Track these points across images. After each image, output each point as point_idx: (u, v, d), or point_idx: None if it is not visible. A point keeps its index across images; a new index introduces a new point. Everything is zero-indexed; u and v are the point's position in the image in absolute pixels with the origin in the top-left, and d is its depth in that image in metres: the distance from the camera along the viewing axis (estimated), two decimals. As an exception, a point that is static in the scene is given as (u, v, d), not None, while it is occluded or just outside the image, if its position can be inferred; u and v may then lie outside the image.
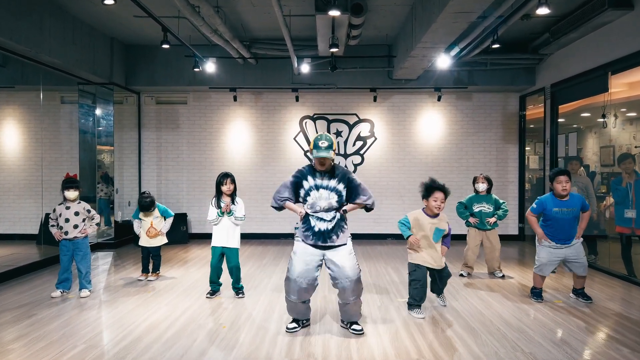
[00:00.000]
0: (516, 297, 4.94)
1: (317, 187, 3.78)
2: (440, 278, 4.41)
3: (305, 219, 3.80)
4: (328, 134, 3.84)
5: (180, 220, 8.62)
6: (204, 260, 6.73)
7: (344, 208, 3.82)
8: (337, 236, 3.76)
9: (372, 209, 3.90)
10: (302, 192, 3.83)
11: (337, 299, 3.91)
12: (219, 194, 4.87)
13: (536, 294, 4.86)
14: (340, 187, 3.78)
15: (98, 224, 5.13)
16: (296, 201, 3.88)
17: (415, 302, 4.30)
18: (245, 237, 8.72)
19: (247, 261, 6.83)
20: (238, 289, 4.96)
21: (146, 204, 5.56)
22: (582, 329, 3.98)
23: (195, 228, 8.95)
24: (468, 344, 3.63)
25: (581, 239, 4.68)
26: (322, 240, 3.74)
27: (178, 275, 5.91)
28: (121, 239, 8.11)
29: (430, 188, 4.17)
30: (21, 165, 7.85)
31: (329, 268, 3.79)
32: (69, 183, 4.92)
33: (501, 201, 5.85)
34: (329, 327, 4.00)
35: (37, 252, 7.15)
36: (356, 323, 3.92)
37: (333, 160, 3.81)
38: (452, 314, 4.37)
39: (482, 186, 5.81)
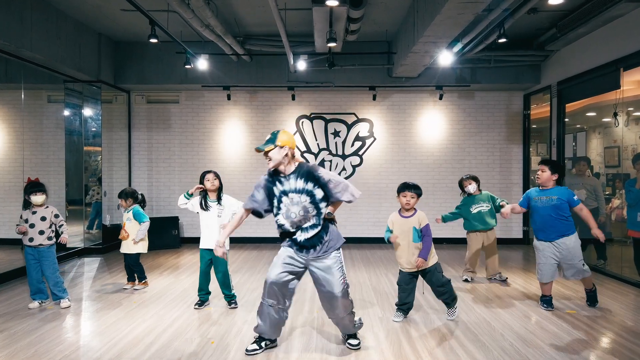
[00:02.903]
0: (524, 306, 4.64)
1: (286, 193, 3.33)
2: (430, 284, 4.14)
3: (283, 233, 3.43)
4: (280, 130, 3.37)
5: (172, 224, 8.29)
6: (196, 267, 6.41)
7: (327, 212, 3.35)
8: (315, 249, 3.32)
9: (352, 201, 3.36)
10: (275, 201, 3.38)
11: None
12: (204, 192, 4.57)
13: (546, 301, 4.57)
14: (310, 186, 3.29)
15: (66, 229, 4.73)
16: (271, 210, 3.44)
17: (397, 304, 4.26)
18: (240, 241, 8.40)
19: (241, 267, 6.51)
20: (230, 298, 4.62)
21: (123, 191, 5.28)
22: (598, 342, 3.68)
23: (188, 232, 8.62)
24: (479, 361, 3.32)
25: (578, 240, 4.40)
26: (299, 249, 3.35)
27: (167, 283, 5.57)
28: (110, 244, 7.77)
29: (401, 187, 4.24)
30: (4, 167, 7.48)
31: (313, 279, 3.43)
32: (34, 187, 4.51)
33: (496, 197, 5.64)
34: (327, 342, 3.68)
35: (20, 258, 6.79)
36: (353, 337, 3.60)
37: (287, 155, 3.31)
38: (460, 326, 4.06)
39: (472, 187, 5.57)
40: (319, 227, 3.32)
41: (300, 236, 3.33)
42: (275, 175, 3.39)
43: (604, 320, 4.20)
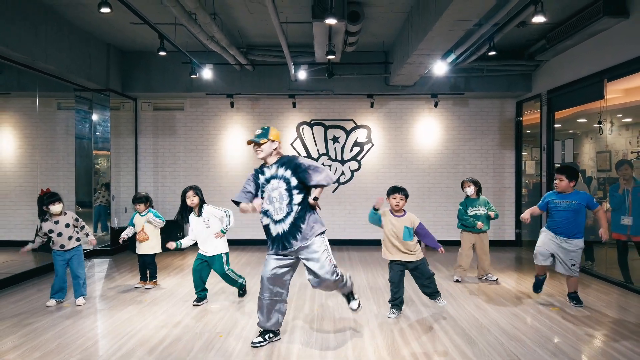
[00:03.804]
0: (513, 304, 4.94)
1: (268, 180, 3.73)
2: (416, 278, 4.50)
3: (265, 227, 3.79)
4: (270, 126, 3.80)
5: (177, 227, 8.57)
6: (201, 268, 6.70)
7: (313, 196, 3.67)
8: (296, 239, 3.65)
9: (328, 184, 3.69)
10: (259, 190, 3.80)
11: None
12: (184, 208, 4.94)
13: (536, 284, 5.01)
14: (288, 174, 3.67)
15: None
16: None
17: (390, 301, 4.57)
18: (243, 243, 8.71)
19: (244, 268, 6.81)
20: (239, 289, 5.11)
21: (139, 196, 5.61)
22: (579, 337, 3.98)
23: (192, 234, 8.91)
24: (465, 353, 3.62)
25: (581, 246, 4.72)
26: (282, 247, 3.70)
27: (174, 283, 5.88)
28: (117, 245, 8.06)
29: (391, 190, 4.56)
30: (17, 171, 7.81)
31: (305, 267, 3.77)
32: (52, 197, 4.82)
33: (490, 204, 5.95)
34: (326, 337, 3.98)
35: (32, 260, 7.09)
36: (351, 299, 4.04)
37: (276, 149, 3.75)
38: (450, 321, 4.36)
39: (469, 190, 5.88)
40: (293, 216, 3.64)
41: (279, 228, 3.68)
42: (261, 167, 3.83)
43: (586, 318, 4.49)
